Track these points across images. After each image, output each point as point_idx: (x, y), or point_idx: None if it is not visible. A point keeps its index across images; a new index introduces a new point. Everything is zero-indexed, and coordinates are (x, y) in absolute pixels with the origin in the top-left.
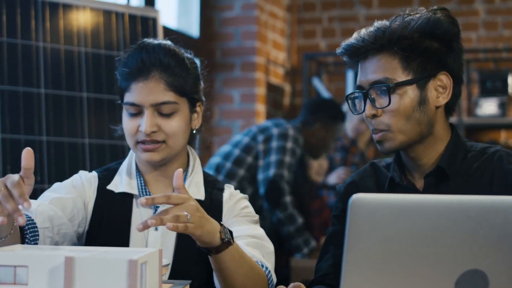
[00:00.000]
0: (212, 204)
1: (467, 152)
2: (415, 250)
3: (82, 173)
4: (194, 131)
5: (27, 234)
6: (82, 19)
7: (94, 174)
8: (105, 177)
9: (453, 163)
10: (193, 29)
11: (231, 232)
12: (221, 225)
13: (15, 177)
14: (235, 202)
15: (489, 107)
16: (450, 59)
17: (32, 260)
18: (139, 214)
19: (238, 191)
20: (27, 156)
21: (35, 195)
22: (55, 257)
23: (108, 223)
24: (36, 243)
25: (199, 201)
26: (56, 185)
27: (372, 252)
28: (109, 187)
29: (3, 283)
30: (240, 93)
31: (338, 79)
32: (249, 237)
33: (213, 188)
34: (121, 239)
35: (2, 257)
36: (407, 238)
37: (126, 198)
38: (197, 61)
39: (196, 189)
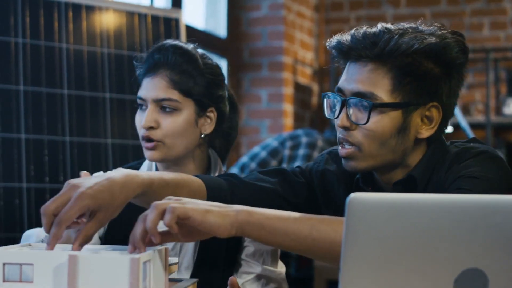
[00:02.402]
0: None
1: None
2: (414, 249)
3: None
4: (202, 135)
5: None
6: (104, 20)
7: None
8: None
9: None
10: (221, 29)
11: None
12: None
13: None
14: None
15: None
16: (446, 88)
17: (37, 258)
18: None
19: None
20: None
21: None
22: (59, 255)
23: (127, 223)
24: None
25: None
26: None
27: (370, 251)
28: None
29: (10, 281)
30: (268, 93)
31: None
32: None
33: None
34: None
35: (8, 255)
36: (406, 237)
37: None
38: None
39: None
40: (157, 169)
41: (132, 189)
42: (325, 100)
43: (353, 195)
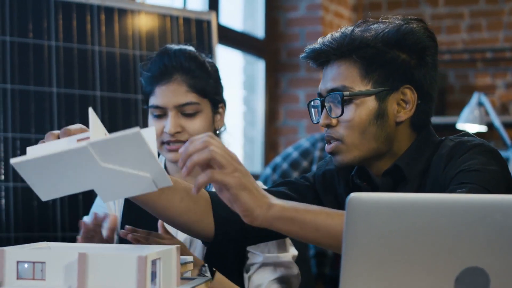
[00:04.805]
0: None
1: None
2: (415, 248)
3: None
4: (217, 132)
5: None
6: (136, 23)
7: None
8: None
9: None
10: (259, 30)
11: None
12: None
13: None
14: None
15: None
16: (419, 73)
17: (49, 256)
18: None
19: None
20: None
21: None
22: (70, 253)
23: (139, 222)
24: None
25: None
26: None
27: (371, 250)
28: None
29: (23, 278)
30: (306, 93)
31: None
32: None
33: None
34: None
35: (21, 253)
36: (406, 237)
37: None
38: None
39: None
40: (166, 170)
41: None
42: (311, 108)
43: (353, 195)
